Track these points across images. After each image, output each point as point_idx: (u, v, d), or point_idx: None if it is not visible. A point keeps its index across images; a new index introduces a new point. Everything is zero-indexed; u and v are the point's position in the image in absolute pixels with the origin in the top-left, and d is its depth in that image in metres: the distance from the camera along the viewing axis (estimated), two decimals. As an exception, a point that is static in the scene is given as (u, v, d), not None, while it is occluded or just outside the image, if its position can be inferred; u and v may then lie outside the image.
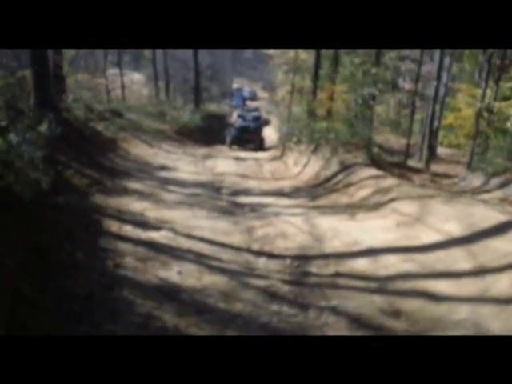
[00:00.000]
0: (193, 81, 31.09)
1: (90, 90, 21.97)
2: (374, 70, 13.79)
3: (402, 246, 5.49)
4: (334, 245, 5.80)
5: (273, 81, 36.95)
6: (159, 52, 30.27)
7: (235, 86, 56.12)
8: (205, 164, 13.73)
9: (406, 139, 15.01)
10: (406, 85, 21.41)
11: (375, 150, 12.20)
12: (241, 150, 19.46)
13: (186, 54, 32.57)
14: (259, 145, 20.46)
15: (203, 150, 18.60)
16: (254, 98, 52.96)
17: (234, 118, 22.57)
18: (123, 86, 26.56)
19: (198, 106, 29.49)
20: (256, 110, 37.74)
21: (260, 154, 17.56)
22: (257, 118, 22.22)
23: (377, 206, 7.29)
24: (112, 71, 26.84)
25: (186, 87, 34.76)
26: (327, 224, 6.67)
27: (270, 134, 23.92)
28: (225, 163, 14.04)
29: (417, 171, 13.08)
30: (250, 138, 20.26)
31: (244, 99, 46.01)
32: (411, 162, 14.59)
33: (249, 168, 13.45)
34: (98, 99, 20.16)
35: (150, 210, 6.87)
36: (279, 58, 25.74)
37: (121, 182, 8.73)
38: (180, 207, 7.41)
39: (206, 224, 6.43)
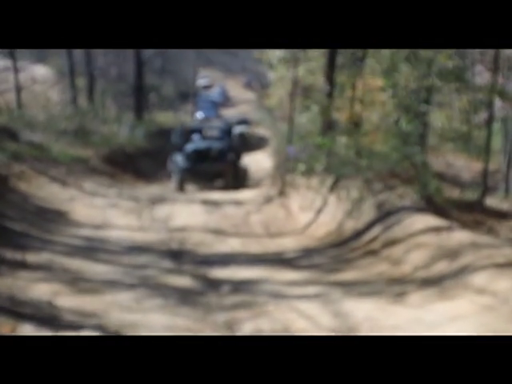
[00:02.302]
0: (132, 76, 31.54)
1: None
2: (427, 55, 14.05)
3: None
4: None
5: (263, 74, 37.50)
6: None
7: (202, 81, 57.03)
8: (154, 213, 13.73)
9: (481, 163, 15.19)
10: (479, 77, 21.83)
11: (434, 183, 12.32)
12: (201, 190, 18.89)
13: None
14: (234, 180, 19.50)
15: (151, 190, 18.62)
16: (224, 101, 53.85)
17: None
18: (19, 88, 26.81)
19: (142, 117, 29.83)
20: (244, 121, 37.91)
21: (245, 195, 17.63)
22: (228, 133, 21.52)
23: (441, 280, 7.27)
24: (0, 63, 27.17)
25: (121, 87, 35.20)
26: (359, 311, 6.63)
27: (261, 159, 24.13)
28: (187, 211, 14.06)
29: (502, 216, 13.18)
30: (214, 169, 19.27)
31: (216, 105, 46.72)
32: (492, 201, 14.74)
33: (227, 218, 13.47)
34: (-23, 110, 20.28)
35: (63, 296, 6.81)
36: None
37: (15, 249, 8.68)
38: (113, 289, 7.35)
39: (156, 317, 6.36)
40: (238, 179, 19.68)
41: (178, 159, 19.45)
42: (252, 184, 20.41)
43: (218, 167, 19.23)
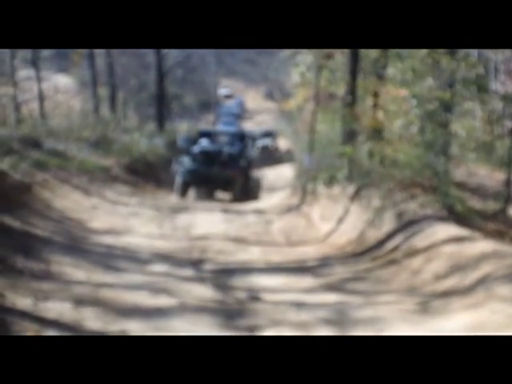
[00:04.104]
0: (154, 86, 31.72)
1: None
2: (448, 64, 14.05)
3: None
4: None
5: (284, 83, 37.33)
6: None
7: (223, 91, 57.19)
8: (175, 221, 13.79)
9: (504, 172, 15.08)
10: (501, 85, 21.74)
11: (455, 193, 12.28)
12: (205, 201, 17.88)
13: (143, 43, 33.35)
14: (243, 191, 17.84)
15: (172, 199, 18.70)
16: (241, 113, 53.85)
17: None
18: (42, 97, 27.08)
19: (163, 127, 29.97)
20: (269, 134, 37.05)
21: (265, 203, 17.66)
22: (240, 139, 19.63)
23: (461, 289, 7.25)
24: (24, 73, 27.44)
25: (142, 96, 35.48)
26: (380, 320, 6.63)
27: (285, 172, 24.14)
28: (208, 219, 14.11)
29: (525, 226, 13.06)
30: (223, 174, 17.51)
31: (236, 117, 46.68)
32: (515, 211, 14.62)
33: (248, 227, 13.51)
34: (1, 119, 20.46)
35: (85, 303, 6.84)
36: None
37: (39, 257, 8.75)
38: (131, 296, 7.37)
39: (178, 326, 6.38)
40: (248, 190, 18.29)
41: (184, 160, 18.14)
42: (273, 193, 20.42)
43: (228, 173, 17.61)
